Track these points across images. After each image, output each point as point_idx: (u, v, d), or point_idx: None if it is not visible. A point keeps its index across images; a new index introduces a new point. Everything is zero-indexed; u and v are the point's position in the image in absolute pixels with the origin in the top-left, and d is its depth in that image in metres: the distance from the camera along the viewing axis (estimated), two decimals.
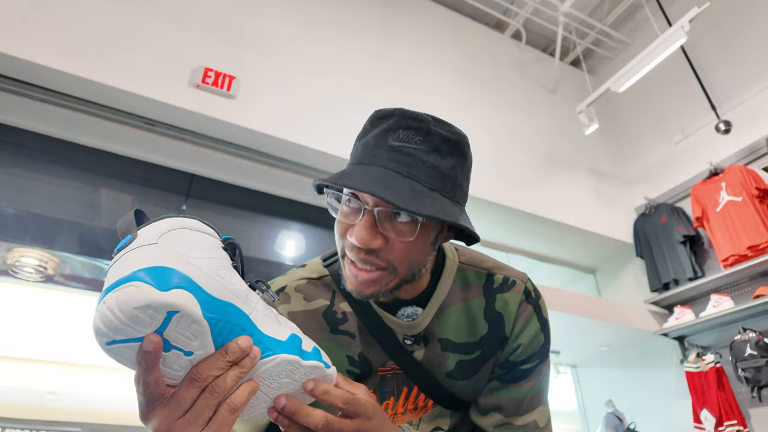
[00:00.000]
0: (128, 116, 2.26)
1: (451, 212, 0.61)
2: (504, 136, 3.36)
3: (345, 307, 0.75)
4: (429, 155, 0.61)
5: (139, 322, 0.41)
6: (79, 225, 2.06)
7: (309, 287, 0.76)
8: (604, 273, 3.83)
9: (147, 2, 2.38)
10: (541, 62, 4.09)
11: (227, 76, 2.38)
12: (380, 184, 0.57)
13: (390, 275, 0.63)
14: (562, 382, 3.75)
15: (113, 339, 0.42)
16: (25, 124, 2.21)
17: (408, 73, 3.15)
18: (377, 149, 0.62)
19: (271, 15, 2.78)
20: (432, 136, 0.62)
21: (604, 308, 3.04)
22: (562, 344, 3.45)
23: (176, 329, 0.43)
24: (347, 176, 0.59)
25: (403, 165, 0.60)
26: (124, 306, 0.40)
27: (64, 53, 2.05)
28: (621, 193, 3.72)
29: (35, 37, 2.02)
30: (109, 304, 0.40)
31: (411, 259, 0.64)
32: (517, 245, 3.51)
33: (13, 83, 2.07)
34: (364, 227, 0.60)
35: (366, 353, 0.73)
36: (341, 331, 0.74)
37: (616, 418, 3.08)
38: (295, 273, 0.79)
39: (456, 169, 0.65)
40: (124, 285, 0.41)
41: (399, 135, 0.62)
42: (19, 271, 2.05)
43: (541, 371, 0.76)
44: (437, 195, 0.61)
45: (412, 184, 0.59)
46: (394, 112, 0.64)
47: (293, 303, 0.75)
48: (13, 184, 2.15)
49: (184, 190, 2.50)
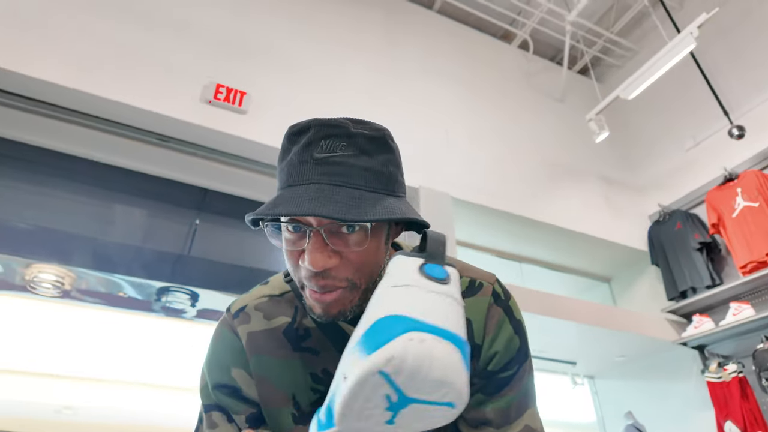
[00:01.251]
0: (142, 132, 2.30)
1: (396, 208, 0.59)
2: (513, 146, 3.35)
3: (308, 323, 0.72)
4: (357, 158, 0.59)
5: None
6: (93, 240, 2.09)
7: (270, 305, 0.74)
8: (619, 282, 3.78)
9: (159, 20, 2.44)
10: (548, 71, 4.09)
11: (238, 92, 2.42)
12: (317, 201, 0.54)
13: (351, 292, 0.61)
14: (579, 394, 3.68)
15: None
16: (41, 142, 2.26)
17: (414, 86, 3.18)
18: (303, 166, 0.59)
19: (280, 31, 2.83)
20: (355, 138, 0.60)
21: (620, 317, 2.99)
22: (578, 355, 3.40)
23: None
24: (281, 203, 0.56)
25: (335, 175, 0.58)
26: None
27: (78, 71, 2.10)
28: (634, 201, 3.68)
29: (50, 56, 2.08)
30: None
31: (369, 267, 0.61)
32: (529, 255, 3.48)
33: (29, 102, 2.12)
34: (314, 250, 0.57)
35: (330, 369, 0.69)
36: (303, 348, 0.71)
37: (636, 430, 3.01)
38: (256, 291, 0.76)
39: (388, 164, 0.63)
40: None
41: (322, 146, 0.59)
42: (37, 286, 2.08)
43: (522, 376, 0.72)
44: (378, 195, 0.59)
45: (350, 191, 0.57)
46: (310, 123, 0.61)
47: (253, 322, 0.72)
48: (30, 201, 2.19)
49: (197, 205, 2.53)
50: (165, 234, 2.40)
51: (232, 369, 0.70)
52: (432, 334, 0.39)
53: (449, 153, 2.99)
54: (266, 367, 0.70)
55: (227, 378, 0.70)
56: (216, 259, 2.33)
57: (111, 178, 2.37)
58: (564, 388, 3.60)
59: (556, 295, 2.88)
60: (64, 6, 2.23)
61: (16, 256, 1.91)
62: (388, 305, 0.44)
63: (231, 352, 0.71)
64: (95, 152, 2.35)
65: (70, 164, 2.30)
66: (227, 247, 2.48)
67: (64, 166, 2.29)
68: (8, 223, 1.95)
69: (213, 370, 0.71)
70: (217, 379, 0.71)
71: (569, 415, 3.67)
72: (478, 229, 3.14)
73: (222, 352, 0.72)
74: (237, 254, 2.47)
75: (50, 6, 2.19)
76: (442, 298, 0.44)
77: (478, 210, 2.92)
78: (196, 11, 2.59)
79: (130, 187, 2.41)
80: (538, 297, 2.73)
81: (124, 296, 2.24)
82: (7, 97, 2.09)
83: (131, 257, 2.08)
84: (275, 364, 0.70)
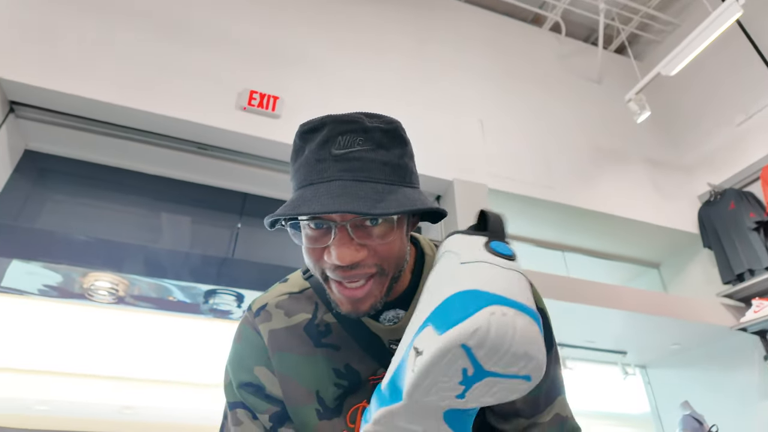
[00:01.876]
0: (182, 142, 2.39)
1: (417, 199, 0.59)
2: (550, 132, 3.27)
3: (329, 318, 0.72)
4: (376, 152, 0.60)
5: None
6: (144, 248, 2.18)
7: (290, 302, 0.74)
8: (669, 267, 3.62)
9: (190, 33, 2.51)
10: (583, 53, 3.96)
11: (271, 97, 2.46)
12: (342, 198, 0.55)
13: (381, 278, 0.61)
14: (631, 385, 3.56)
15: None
16: (91, 157, 2.39)
17: (446, 80, 3.14)
18: (323, 163, 0.59)
19: (308, 35, 2.86)
20: (371, 133, 0.60)
21: (672, 304, 2.87)
22: (628, 344, 3.29)
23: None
24: (304, 202, 0.56)
25: (355, 171, 0.58)
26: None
27: (121, 88, 2.20)
28: (681, 182, 3.52)
29: (94, 75, 2.18)
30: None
31: (395, 258, 0.62)
32: (572, 243, 3.39)
33: (78, 120, 2.24)
34: (341, 245, 0.58)
35: (352, 364, 0.70)
36: (324, 344, 0.71)
37: (694, 421, 2.88)
38: (276, 289, 0.77)
39: (403, 156, 0.64)
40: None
41: (339, 142, 0.59)
42: (94, 294, 2.20)
43: (549, 364, 0.72)
44: (398, 188, 0.60)
45: (372, 186, 0.57)
46: (324, 120, 0.61)
47: (274, 320, 0.73)
48: (85, 214, 2.32)
49: (238, 209, 2.60)
50: (209, 239, 2.48)
51: (255, 367, 0.71)
52: (512, 308, 0.39)
53: (484, 144, 2.95)
54: (289, 365, 0.70)
55: (250, 376, 0.71)
56: (258, 260, 2.39)
57: (156, 188, 2.47)
58: (614, 379, 3.49)
59: (603, 283, 2.80)
60: (107, 30, 2.33)
61: (74, 266, 2.03)
62: (461, 281, 0.44)
63: (253, 350, 0.72)
64: (140, 164, 2.46)
65: (120, 177, 2.42)
66: (268, 248, 2.54)
67: (115, 180, 2.41)
68: (67, 236, 2.07)
69: (236, 368, 0.72)
70: (241, 377, 0.71)
71: (621, 406, 3.56)
72: (517, 220, 3.08)
73: (245, 350, 0.73)
74: (278, 255, 2.52)
75: (94, 30, 2.30)
76: (514, 273, 0.44)
77: (516, 200, 2.87)
78: (225, 22, 2.66)
79: (175, 196, 2.50)
80: (584, 286, 2.66)
81: (173, 300, 2.33)
82: (63, 117, 2.22)
83: (179, 262, 2.16)
84: (298, 361, 0.70)
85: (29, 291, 2.24)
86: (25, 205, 2.21)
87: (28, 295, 2.30)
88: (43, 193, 2.28)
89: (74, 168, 2.36)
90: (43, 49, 2.16)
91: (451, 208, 2.58)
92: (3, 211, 2.12)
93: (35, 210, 2.22)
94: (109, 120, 2.26)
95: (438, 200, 2.78)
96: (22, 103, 2.15)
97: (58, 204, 2.29)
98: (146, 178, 2.47)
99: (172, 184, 2.51)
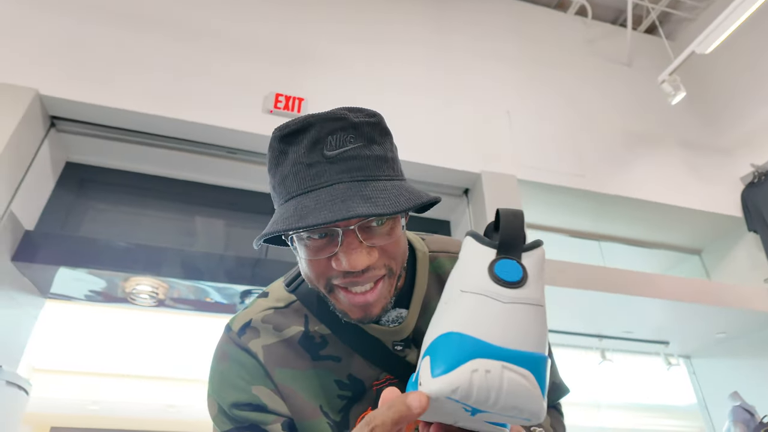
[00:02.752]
0: (212, 147, 2.45)
1: (419, 192, 0.57)
2: (580, 119, 3.19)
3: (321, 329, 0.67)
4: (368, 148, 0.57)
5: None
6: (180, 252, 2.25)
7: (277, 317, 0.68)
8: (711, 253, 3.48)
9: (214, 40, 2.57)
10: (611, 35, 3.84)
11: (296, 99, 2.50)
12: (350, 202, 0.51)
13: (390, 279, 0.59)
14: (674, 376, 3.44)
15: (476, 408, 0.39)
16: (128, 166, 2.48)
17: (470, 72, 3.10)
18: (316, 167, 0.55)
19: (330, 36, 2.88)
20: (360, 128, 0.57)
21: (716, 291, 2.76)
22: (670, 334, 3.18)
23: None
24: (309, 212, 0.52)
25: (353, 171, 0.55)
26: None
27: (153, 98, 2.27)
28: (721, 164, 3.37)
29: (127, 87, 2.26)
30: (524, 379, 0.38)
31: (401, 254, 0.60)
32: (608, 232, 3.30)
33: (115, 131, 2.32)
34: (351, 250, 0.54)
35: (355, 373, 0.67)
36: (323, 356, 0.67)
37: (745, 412, 2.77)
38: (257, 304, 0.71)
39: (393, 149, 0.62)
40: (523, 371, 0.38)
41: (330, 142, 0.55)
42: (136, 297, 2.29)
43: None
44: (395, 182, 0.57)
45: (374, 184, 0.55)
46: (308, 120, 0.56)
47: (264, 336, 0.67)
48: (124, 221, 2.41)
49: (269, 210, 2.64)
50: (242, 240, 2.54)
51: (252, 387, 0.65)
52: (500, 360, 0.37)
53: (512, 134, 2.90)
54: (291, 380, 0.66)
55: (248, 396, 0.65)
56: (290, 260, 2.42)
57: (189, 193, 2.55)
58: (657, 370, 3.39)
59: (640, 272, 2.71)
60: (136, 42, 2.42)
61: (116, 272, 2.11)
62: (455, 317, 0.41)
63: (245, 370, 0.66)
64: (174, 171, 2.54)
65: (155, 184, 2.51)
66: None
67: (151, 187, 2.51)
68: (108, 242, 2.16)
69: (226, 391, 0.65)
70: (236, 398, 0.65)
71: (666, 398, 3.46)
72: (549, 210, 3.02)
73: (234, 372, 0.66)
74: None
75: (123, 43, 2.39)
76: (516, 308, 0.40)
77: (547, 190, 2.81)
78: (246, 26, 2.70)
79: (208, 200, 2.57)
80: (622, 275, 2.59)
81: (210, 301, 2.40)
82: (100, 129, 2.31)
83: (215, 265, 2.22)
84: (298, 376, 0.66)
85: (76, 297, 2.35)
86: (69, 215, 2.31)
87: (75, 301, 2.41)
88: (85, 202, 2.39)
89: (112, 177, 2.46)
90: (79, 64, 2.25)
91: (480, 201, 2.55)
92: (49, 221, 2.23)
93: (78, 219, 2.33)
94: (144, 129, 2.33)
95: (466, 194, 2.75)
96: (62, 117, 2.25)
97: (99, 212, 2.39)
98: (180, 184, 2.55)
99: (205, 188, 2.59)
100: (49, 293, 2.29)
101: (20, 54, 2.19)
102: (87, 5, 2.43)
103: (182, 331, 3.17)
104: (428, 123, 2.71)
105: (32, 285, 2.18)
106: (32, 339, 2.27)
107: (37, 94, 2.10)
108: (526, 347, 0.39)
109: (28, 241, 2.05)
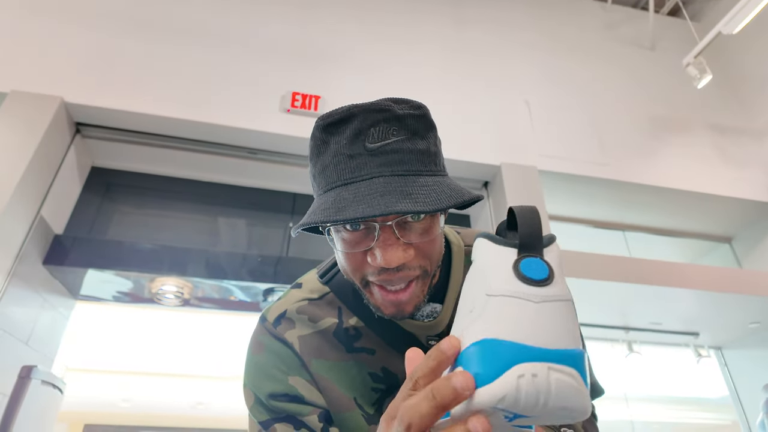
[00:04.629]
0: (233, 149, 2.48)
1: (461, 189, 0.55)
2: (604, 106, 3.12)
3: (355, 322, 0.67)
4: (411, 142, 0.55)
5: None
6: (204, 252, 2.29)
7: (312, 308, 0.68)
8: (743, 240, 3.37)
9: (230, 42, 2.59)
10: (633, 19, 3.74)
11: (313, 97, 2.50)
12: (390, 196, 0.50)
13: (424, 279, 0.58)
14: (705, 367, 3.36)
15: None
16: (151, 169, 2.53)
17: (489, 64, 3.06)
18: (357, 159, 0.54)
19: (345, 32, 2.87)
20: (404, 120, 0.55)
21: (749, 280, 2.67)
22: (700, 325, 3.10)
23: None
24: (348, 204, 0.51)
25: (395, 165, 0.53)
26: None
27: (174, 102, 2.30)
28: (752, 148, 3.26)
29: (148, 92, 2.30)
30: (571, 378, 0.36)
31: (437, 253, 0.59)
32: (634, 222, 3.22)
33: (138, 135, 2.37)
34: (387, 246, 0.53)
35: (389, 366, 0.66)
36: (357, 348, 0.66)
37: None
38: (292, 295, 0.70)
39: (436, 142, 0.59)
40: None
41: (372, 134, 0.54)
42: (162, 298, 2.33)
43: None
44: (438, 178, 0.55)
45: (416, 179, 0.53)
46: (351, 110, 0.55)
47: (299, 327, 0.67)
48: (150, 223, 2.46)
49: (289, 209, 2.67)
50: (264, 239, 2.57)
51: (288, 378, 0.64)
52: (544, 362, 0.36)
53: (533, 124, 2.85)
54: (327, 371, 0.65)
55: (284, 387, 0.64)
56: (311, 257, 2.44)
57: (212, 194, 2.59)
58: (687, 362, 3.31)
59: (666, 261, 2.65)
60: (155, 49, 2.45)
61: (142, 273, 2.16)
62: (485, 324, 0.39)
63: (281, 360, 0.65)
64: (196, 172, 2.58)
65: (178, 186, 2.56)
66: (320, 245, 2.60)
67: (174, 189, 2.55)
68: (134, 244, 2.20)
69: (263, 381, 0.65)
70: (272, 389, 0.64)
71: (697, 390, 3.37)
72: (571, 201, 2.97)
73: (270, 362, 0.65)
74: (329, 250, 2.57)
75: (144, 50, 2.43)
76: (548, 307, 0.39)
77: (570, 180, 2.76)
78: (261, 28, 2.72)
79: (230, 201, 2.61)
80: (648, 266, 2.53)
81: (234, 300, 2.43)
82: (123, 134, 2.36)
83: (238, 264, 2.25)
84: (333, 367, 0.66)
85: (105, 298, 2.41)
86: (96, 219, 2.37)
87: (104, 302, 2.47)
88: (111, 205, 2.44)
89: (136, 180, 2.52)
90: (100, 71, 2.30)
91: (500, 193, 2.52)
92: (77, 225, 2.29)
93: (104, 222, 2.38)
94: (165, 133, 2.37)
95: (486, 186, 2.72)
96: (87, 123, 2.30)
97: (124, 215, 2.45)
98: (202, 185, 2.59)
99: (227, 189, 2.62)
100: (79, 295, 2.35)
101: (44, 64, 2.25)
102: (106, 14, 2.48)
103: (208, 330, 3.22)
104: (446, 116, 2.69)
105: (63, 287, 2.25)
106: (65, 339, 2.34)
107: (62, 101, 2.16)
108: (564, 345, 0.37)
109: (57, 245, 2.11)
